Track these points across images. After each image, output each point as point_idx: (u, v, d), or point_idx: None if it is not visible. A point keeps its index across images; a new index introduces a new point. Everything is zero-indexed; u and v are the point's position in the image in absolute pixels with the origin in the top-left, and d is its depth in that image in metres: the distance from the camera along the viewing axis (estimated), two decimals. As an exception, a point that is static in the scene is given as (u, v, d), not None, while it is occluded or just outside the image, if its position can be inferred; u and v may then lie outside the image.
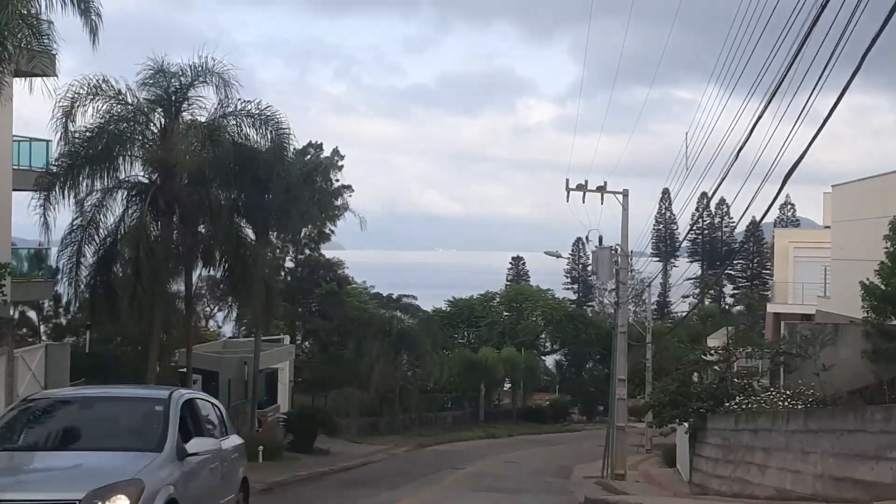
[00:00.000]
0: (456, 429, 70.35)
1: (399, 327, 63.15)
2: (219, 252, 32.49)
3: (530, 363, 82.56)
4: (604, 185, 38.57)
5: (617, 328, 39.11)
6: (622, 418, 38.75)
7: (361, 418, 61.64)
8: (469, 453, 53.71)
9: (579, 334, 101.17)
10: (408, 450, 53.41)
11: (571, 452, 59.32)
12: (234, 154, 30.83)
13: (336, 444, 50.99)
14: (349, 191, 64.57)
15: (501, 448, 59.39)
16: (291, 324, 65.13)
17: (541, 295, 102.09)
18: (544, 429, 77.94)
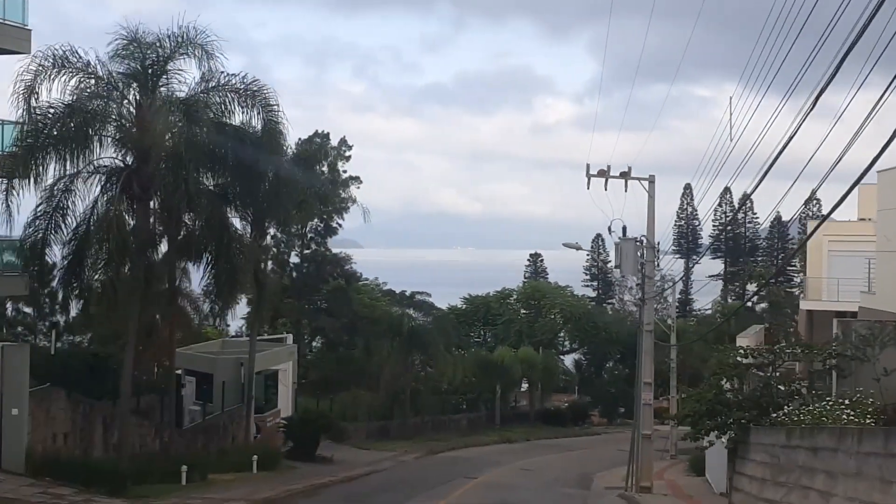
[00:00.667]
0: (470, 432, 67.16)
1: (410, 325, 60.02)
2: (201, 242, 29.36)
3: (548, 363, 79.20)
4: (628, 171, 35.32)
5: (642, 326, 35.86)
6: (648, 425, 35.52)
7: (370, 422, 58.57)
8: (483, 460, 50.57)
9: (599, 333, 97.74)
10: (418, 456, 50.28)
11: (592, 458, 56.18)
12: (217, 134, 27.74)
13: (341, 451, 47.98)
14: (357, 182, 61.60)
15: (518, 453, 56.22)
16: (297, 322, 62.13)
17: (559, 292, 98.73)
18: (563, 432, 74.62)
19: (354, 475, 38.35)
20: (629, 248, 34.79)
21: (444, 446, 56.33)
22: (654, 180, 35.49)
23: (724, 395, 22.64)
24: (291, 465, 39.68)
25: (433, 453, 52.85)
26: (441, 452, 53.82)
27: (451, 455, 53.15)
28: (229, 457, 36.64)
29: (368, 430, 57.78)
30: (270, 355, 45.68)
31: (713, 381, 23.38)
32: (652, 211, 35.39)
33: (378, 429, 58.96)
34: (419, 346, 59.75)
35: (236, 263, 29.28)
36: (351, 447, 51.08)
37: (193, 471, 30.89)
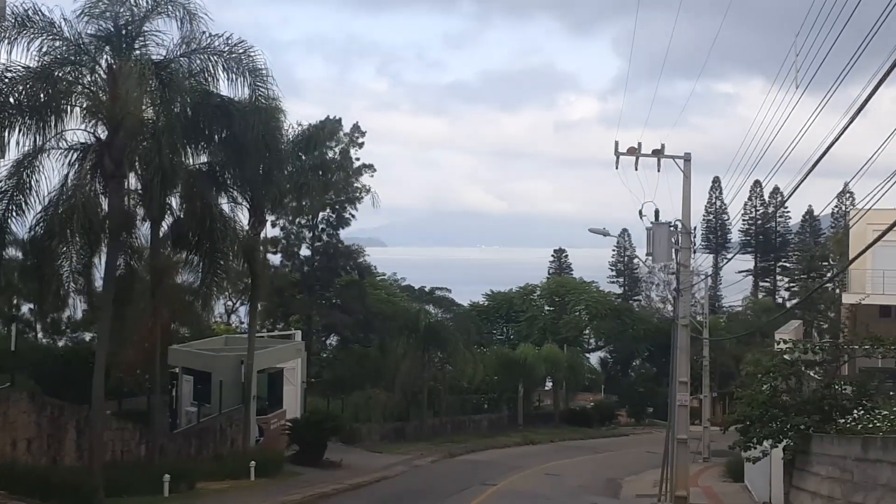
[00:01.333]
0: (492, 434, 63.98)
1: (427, 321, 56.84)
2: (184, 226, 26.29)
3: (573, 361, 75.78)
4: (661, 149, 32.04)
5: (677, 320, 32.53)
6: (683, 428, 32.23)
7: (385, 423, 55.50)
8: (504, 464, 47.40)
9: (626, 330, 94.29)
10: (434, 460, 47.12)
11: (619, 461, 52.97)
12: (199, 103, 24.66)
13: (353, 454, 44.95)
14: (370, 170, 58.44)
15: (541, 456, 52.99)
16: (308, 318, 59.08)
17: (584, 287, 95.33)
18: (589, 433, 71.28)
19: (362, 482, 35.22)
20: (662, 233, 31.52)
21: (462, 449, 53.18)
22: (690, 159, 32.21)
23: (780, 397, 19.34)
24: (295, 470, 36.65)
25: (451, 456, 49.70)
26: (459, 455, 50.68)
27: (469, 458, 49.99)
28: (225, 463, 33.66)
29: (383, 431, 54.71)
30: (275, 352, 42.66)
31: (765, 380, 19.97)
32: (688, 192, 32.13)
33: (393, 430, 55.88)
34: (437, 342, 56.57)
35: (219, 248, 26.17)
36: (363, 450, 48.05)
37: (180, 480, 27.92)
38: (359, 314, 57.99)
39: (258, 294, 35.22)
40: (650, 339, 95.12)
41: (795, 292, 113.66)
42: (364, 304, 57.75)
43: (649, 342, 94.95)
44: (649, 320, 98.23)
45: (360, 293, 58.11)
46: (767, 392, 19.56)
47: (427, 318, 56.99)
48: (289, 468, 36.81)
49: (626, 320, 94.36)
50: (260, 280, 33.66)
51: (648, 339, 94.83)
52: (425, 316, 56.91)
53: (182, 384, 39.66)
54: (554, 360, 71.14)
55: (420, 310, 56.73)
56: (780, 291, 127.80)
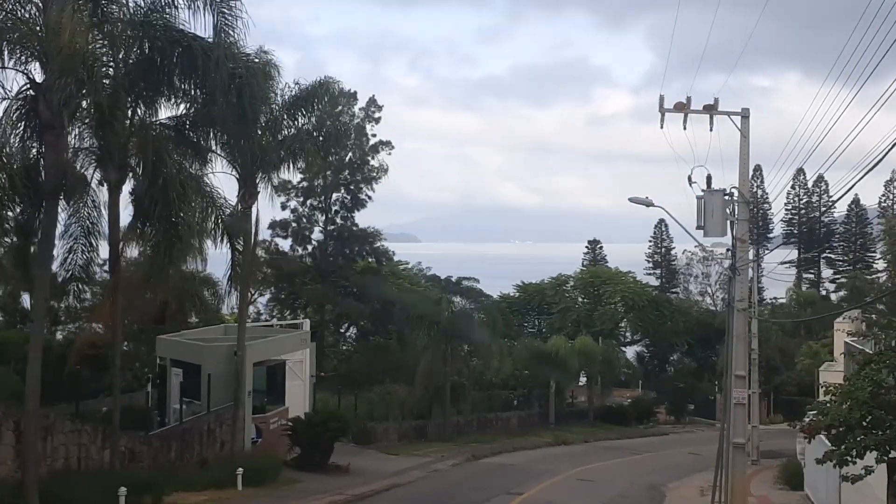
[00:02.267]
0: (521, 432, 59.34)
1: (451, 310, 52.28)
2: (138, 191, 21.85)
3: (609, 354, 70.78)
4: (714, 104, 27.29)
5: (733, 304, 27.73)
6: (741, 430, 27.45)
7: (404, 421, 51.05)
8: (534, 468, 42.85)
9: (664, 322, 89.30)
10: (456, 463, 42.61)
11: (660, 464, 48.35)
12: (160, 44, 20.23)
13: (364, 457, 40.60)
14: (388, 147, 53.93)
15: (575, 458, 48.38)
16: (321, 308, 54.67)
17: (620, 278, 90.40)
18: (626, 432, 66.44)
19: (367, 492, 30.77)
20: (716, 202, 26.76)
21: (488, 450, 48.59)
22: (749, 115, 27.44)
23: (890, 395, 14.63)
24: (293, 477, 32.30)
25: (474, 459, 45.15)
26: (484, 458, 46.11)
27: (495, 461, 45.41)
28: (210, 469, 29.37)
29: (401, 430, 50.27)
30: (275, 343, 38.28)
31: (868, 373, 15.14)
32: (745, 154, 27.34)
33: (413, 429, 51.44)
34: (461, 333, 52.00)
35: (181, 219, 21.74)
36: (378, 451, 43.68)
37: (144, 491, 23.60)
38: (376, 303, 53.55)
39: (247, 275, 30.78)
40: (690, 332, 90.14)
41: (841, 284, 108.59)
42: (381, 292, 53.31)
43: (689, 335, 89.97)
44: (689, 312, 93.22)
45: (377, 280, 53.64)
46: (868, 388, 14.80)
47: (450, 307, 52.43)
48: (287, 475, 32.48)
49: (664, 312, 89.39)
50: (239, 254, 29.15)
51: (688, 332, 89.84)
52: (448, 305, 52.33)
53: (170, 378, 35.41)
54: (588, 353, 66.31)
55: (442, 297, 52.14)
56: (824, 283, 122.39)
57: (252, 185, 29.79)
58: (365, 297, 54.22)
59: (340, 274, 55.33)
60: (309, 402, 42.22)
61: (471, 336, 51.58)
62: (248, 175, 29.42)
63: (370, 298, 53.99)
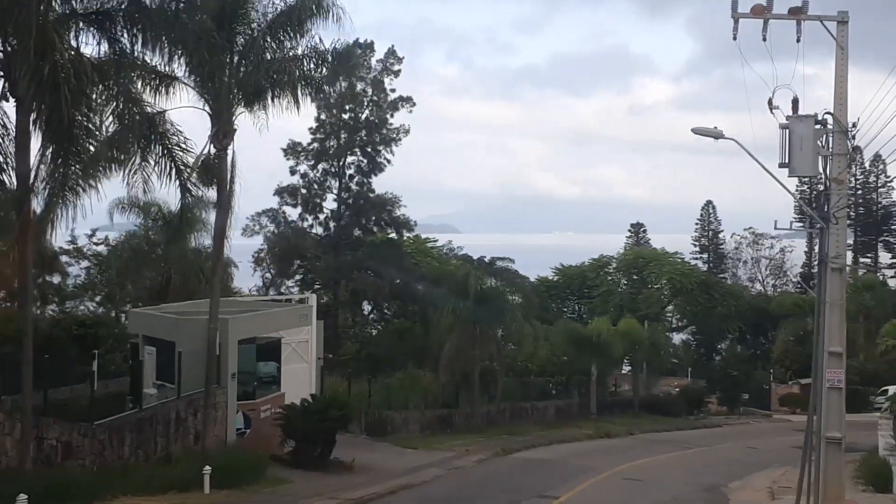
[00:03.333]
0: (559, 424, 53.60)
1: (479, 287, 46.65)
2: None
3: (656, 339, 64.50)
4: (802, 6, 21.40)
5: (826, 262, 21.82)
6: (836, 422, 21.61)
7: (427, 411, 45.51)
8: (572, 464, 37.21)
9: (714, 307, 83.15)
10: (482, 459, 36.98)
11: (716, 459, 42.61)
12: None
13: (376, 451, 35.17)
14: (409, 104, 48.21)
15: (619, 453, 42.66)
16: (334, 283, 49.13)
17: (667, 259, 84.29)
18: (674, 423, 60.36)
19: (368, 496, 25.23)
20: (805, 131, 20.98)
21: (520, 443, 42.89)
22: (848, 21, 21.53)
23: None
24: (283, 476, 26.92)
25: (504, 453, 39.47)
26: (515, 452, 40.43)
27: (528, 456, 39.70)
28: (176, 467, 24.00)
29: (424, 420, 44.72)
30: (267, 318, 32.80)
31: None
32: (843, 72, 21.49)
33: (437, 419, 45.89)
34: (490, 313, 46.29)
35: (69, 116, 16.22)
36: (394, 445, 38.18)
37: (66, 498, 18.22)
38: (396, 279, 47.98)
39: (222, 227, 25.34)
40: (742, 318, 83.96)
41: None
42: (402, 266, 47.69)
43: (741, 320, 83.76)
44: (741, 296, 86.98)
45: (396, 254, 47.98)
46: None
47: (478, 282, 46.75)
48: (276, 473, 27.09)
49: (714, 295, 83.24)
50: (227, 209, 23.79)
51: (740, 317, 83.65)
52: (476, 281, 46.64)
53: (144, 358, 30.10)
54: (633, 337, 60.31)
55: (469, 273, 46.43)
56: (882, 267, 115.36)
57: (227, 122, 24.36)
58: (383, 272, 48.61)
59: (356, 246, 49.72)
60: (316, 388, 36.81)
61: (501, 315, 45.87)
62: (222, 107, 23.96)
63: (389, 274, 48.38)
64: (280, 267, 47.56)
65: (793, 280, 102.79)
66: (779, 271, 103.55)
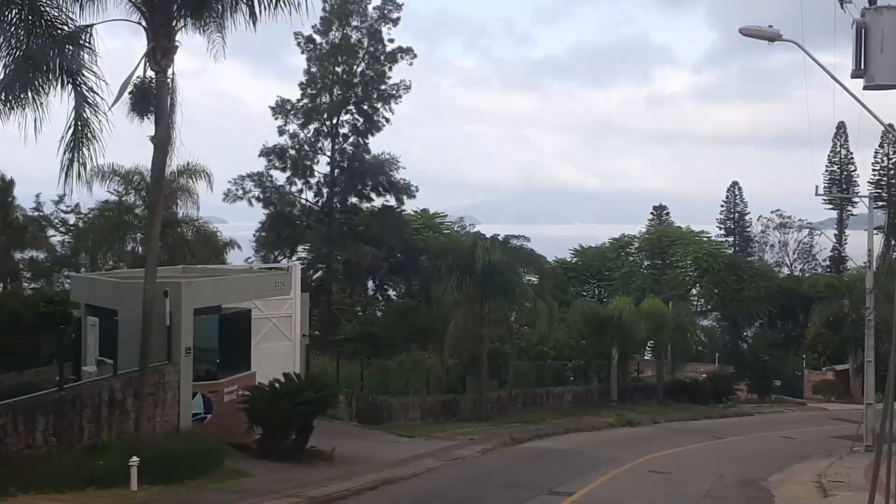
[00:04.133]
0: (576, 411, 49.09)
1: (487, 259, 42.11)
2: None
3: (681, 320, 59.71)
4: None
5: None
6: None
7: (430, 396, 41.13)
8: (589, 455, 32.80)
9: (742, 288, 78.27)
10: (487, 449, 32.47)
11: (751, 450, 38.31)
12: None
13: (366, 440, 30.89)
14: (409, 56, 43.50)
15: (642, 443, 38.22)
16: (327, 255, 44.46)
17: (692, 237, 79.39)
18: (703, 411, 55.68)
19: (339, 492, 20.69)
20: (887, 26, 16.28)
21: (532, 432, 38.34)
22: None
23: None
24: (244, 468, 22.55)
25: (514, 442, 34.95)
26: (526, 441, 35.91)
27: (540, 446, 35.20)
28: (103, 457, 19.58)
29: (426, 407, 40.33)
30: (231, 284, 28.33)
31: None
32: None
33: (441, 405, 41.48)
34: (499, 288, 41.71)
35: None
36: (387, 433, 33.80)
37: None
38: (395, 251, 43.35)
39: (160, 168, 20.91)
40: (772, 300, 78.97)
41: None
42: (402, 237, 43.02)
43: (771, 303, 78.78)
44: (770, 277, 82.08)
45: (396, 222, 43.32)
46: None
47: (486, 254, 42.17)
48: (237, 465, 22.74)
49: (742, 276, 78.35)
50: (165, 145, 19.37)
51: (771, 299, 78.70)
52: (484, 252, 42.05)
53: (86, 330, 25.76)
54: (657, 318, 55.56)
55: (476, 243, 41.81)
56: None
57: (166, 38, 19.90)
58: (381, 242, 43.96)
59: (351, 214, 45.01)
60: (301, 369, 32.39)
61: (511, 291, 41.29)
62: (158, 18, 19.51)
63: (388, 244, 43.73)
64: (267, 236, 42.96)
65: (822, 264, 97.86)
66: (807, 255, 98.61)
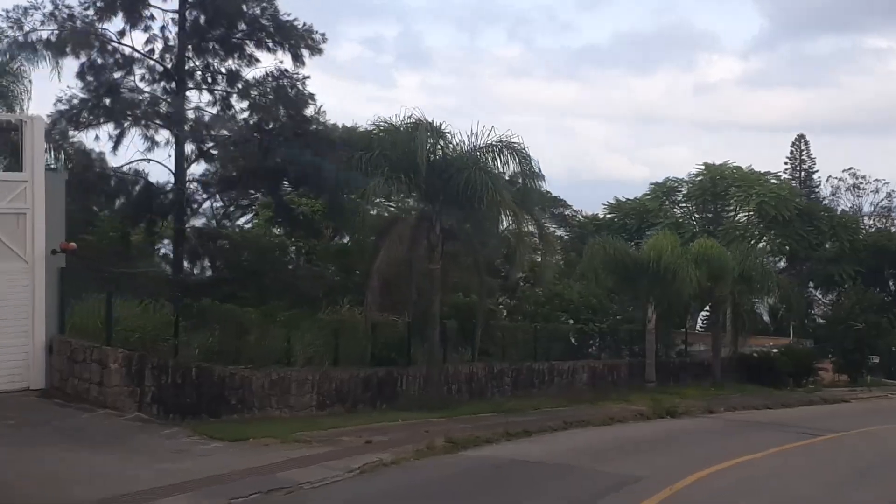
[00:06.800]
0: (595, 395, 33.41)
1: (442, 154, 26.50)
2: None
3: (748, 269, 42.84)
4: None
5: None
6: None
7: (342, 370, 25.38)
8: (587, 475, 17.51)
9: (822, 243, 61.45)
10: (388, 462, 16.76)
11: (872, 455, 22.46)
12: None
13: (132, 446, 15.16)
14: None
15: (690, 446, 22.85)
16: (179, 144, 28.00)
17: (756, 179, 62.53)
18: (778, 398, 39.43)
19: None
20: None
21: (500, 429, 22.45)
22: None
23: None
24: None
25: (451, 448, 19.20)
26: (481, 445, 20.13)
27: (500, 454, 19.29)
28: None
29: (330, 388, 24.62)
30: None
31: None
32: None
33: (364, 386, 25.83)
34: (458, 197, 25.84)
35: None
36: (198, 433, 17.93)
37: None
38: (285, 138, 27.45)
39: None
40: (857, 260, 62.08)
41: None
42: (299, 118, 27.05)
43: (856, 263, 61.80)
44: (856, 229, 65.14)
45: (289, 95, 27.20)
46: None
47: (437, 147, 26.42)
48: None
49: (821, 228, 61.43)
50: None
51: (856, 258, 61.76)
52: (436, 143, 26.31)
53: None
54: (714, 264, 39.11)
55: (418, 128, 25.81)
56: None
57: None
58: (266, 123, 28.02)
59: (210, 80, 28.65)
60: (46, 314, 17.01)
61: (478, 200, 25.32)
62: None
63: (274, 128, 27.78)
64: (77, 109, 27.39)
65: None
66: (885, 219, 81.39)
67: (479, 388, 30.67)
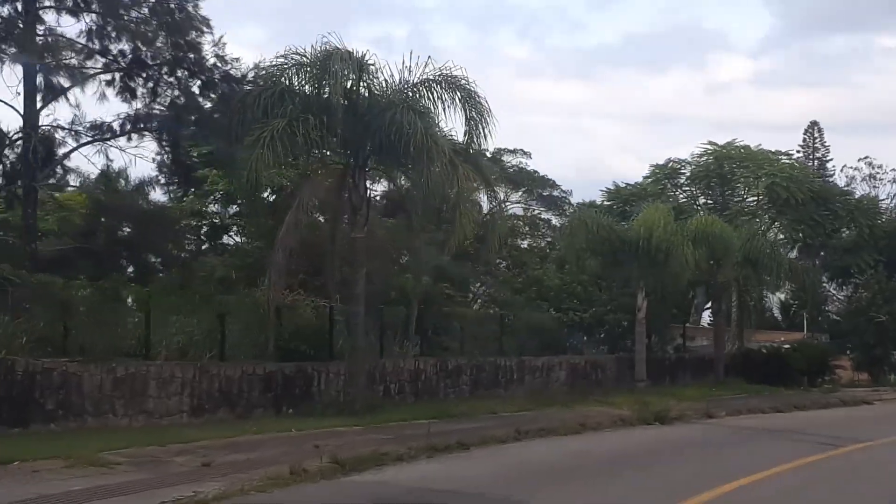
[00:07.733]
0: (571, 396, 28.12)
1: (367, 92, 21.10)
2: None
3: (756, 250, 37.19)
4: None
5: None
6: None
7: (230, 366, 19.95)
8: None
9: (839, 227, 55.71)
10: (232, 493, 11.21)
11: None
12: None
13: None
14: None
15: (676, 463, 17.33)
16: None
17: (765, 158, 56.67)
18: (790, 399, 33.74)
19: None
20: None
21: (422, 441, 16.95)
22: None
23: None
24: None
25: (342, 471, 13.69)
26: (385, 466, 14.68)
27: (413, 477, 13.80)
28: None
29: (210, 388, 19.20)
30: None
31: None
32: None
33: (263, 385, 20.43)
34: (383, 145, 20.44)
35: None
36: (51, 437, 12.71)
37: None
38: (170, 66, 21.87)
39: None
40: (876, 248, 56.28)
41: None
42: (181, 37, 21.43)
43: (876, 252, 55.99)
44: (876, 215, 59.30)
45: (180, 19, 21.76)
46: None
47: (363, 85, 21.01)
48: None
49: (838, 212, 55.58)
50: None
51: (876, 246, 55.94)
52: (357, 80, 20.92)
53: None
54: (716, 244, 33.49)
55: (331, 55, 20.37)
56: None
57: None
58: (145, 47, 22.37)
59: None
60: None
61: (405, 146, 19.89)
62: None
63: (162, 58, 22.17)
64: None
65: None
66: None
67: (427, 389, 25.37)
